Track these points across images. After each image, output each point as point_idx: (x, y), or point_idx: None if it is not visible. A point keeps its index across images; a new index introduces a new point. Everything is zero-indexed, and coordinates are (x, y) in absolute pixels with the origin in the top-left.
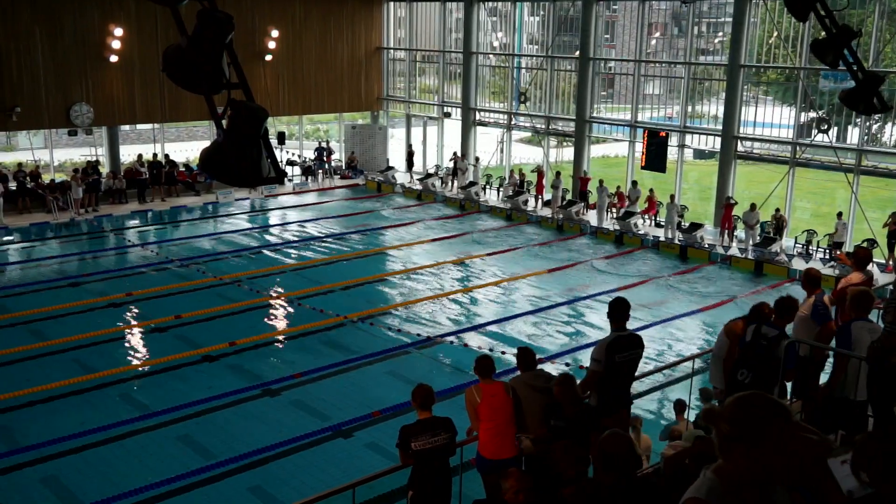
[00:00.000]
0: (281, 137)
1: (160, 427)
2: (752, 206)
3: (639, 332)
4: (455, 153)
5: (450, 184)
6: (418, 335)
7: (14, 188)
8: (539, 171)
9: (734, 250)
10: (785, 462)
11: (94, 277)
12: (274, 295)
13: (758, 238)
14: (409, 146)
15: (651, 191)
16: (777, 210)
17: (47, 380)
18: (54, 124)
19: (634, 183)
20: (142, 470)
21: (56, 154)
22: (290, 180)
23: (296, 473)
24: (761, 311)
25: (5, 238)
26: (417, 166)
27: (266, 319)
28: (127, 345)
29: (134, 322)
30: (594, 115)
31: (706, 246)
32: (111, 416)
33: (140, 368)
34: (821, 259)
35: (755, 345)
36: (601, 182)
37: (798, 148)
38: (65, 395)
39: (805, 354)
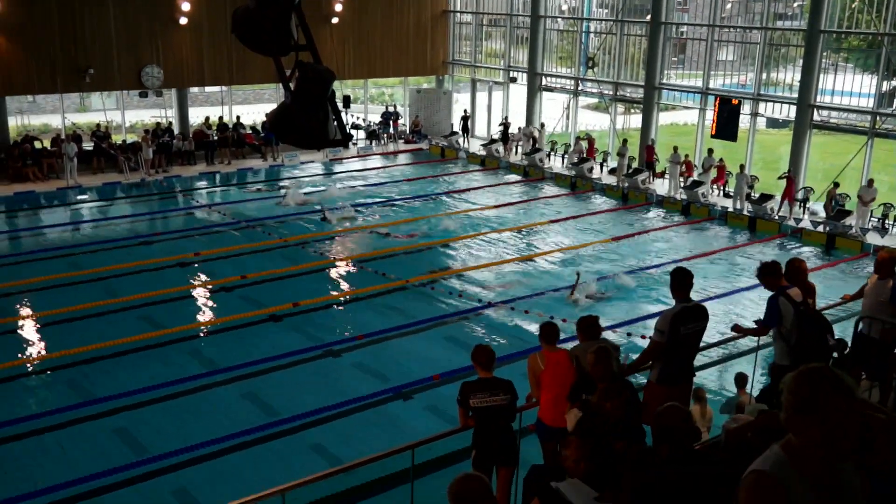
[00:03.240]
0: (346, 101)
1: (226, 383)
2: (870, 182)
3: (704, 304)
4: (505, 118)
5: (503, 149)
6: (479, 301)
7: (89, 149)
8: (589, 139)
9: (806, 223)
10: (849, 437)
11: (164, 237)
12: (338, 257)
13: (871, 216)
14: (465, 111)
15: (721, 160)
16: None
17: (119, 335)
18: (125, 86)
19: (710, 151)
20: (208, 424)
21: (127, 115)
22: (354, 144)
23: (356, 433)
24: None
25: (79, 197)
26: (481, 132)
27: (329, 281)
28: (195, 303)
29: (201, 281)
30: (664, 81)
31: (776, 218)
32: (179, 371)
33: (207, 326)
34: None
35: (803, 314)
36: (675, 149)
37: (878, 118)
38: (135, 350)
39: (874, 336)
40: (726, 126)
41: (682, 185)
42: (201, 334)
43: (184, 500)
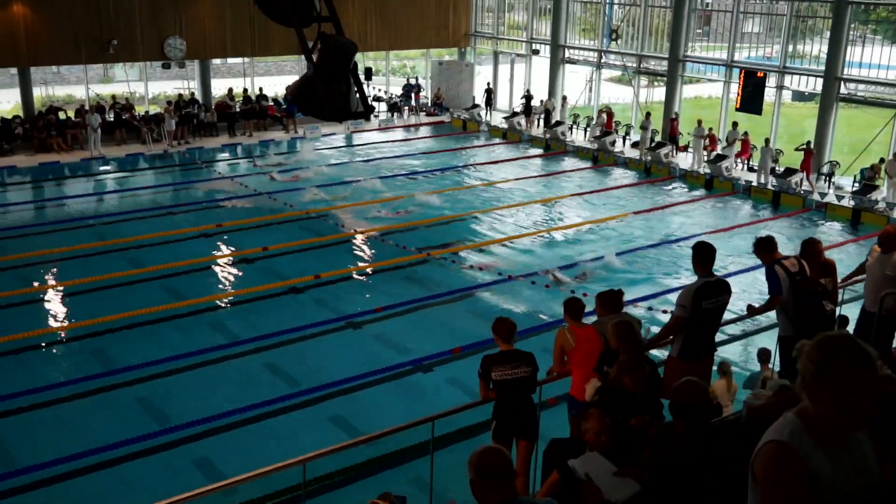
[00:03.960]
0: (368, 73)
1: (247, 354)
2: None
3: (726, 279)
4: (527, 91)
5: (524, 123)
6: (499, 274)
7: (111, 119)
8: (608, 111)
9: (831, 197)
10: (866, 407)
11: (186, 208)
12: (358, 230)
13: None
14: (488, 84)
15: (745, 134)
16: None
17: (142, 305)
18: (148, 57)
19: (735, 124)
20: (230, 394)
21: (150, 87)
22: (376, 116)
23: (376, 404)
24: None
25: (102, 168)
26: (503, 104)
27: (350, 254)
28: (217, 274)
29: (223, 252)
30: (688, 53)
31: (801, 192)
32: (201, 341)
33: (229, 297)
34: None
35: (798, 283)
36: (699, 122)
37: None
38: (158, 320)
39: (877, 311)
40: (751, 99)
41: (705, 158)
42: (223, 305)
43: (205, 470)
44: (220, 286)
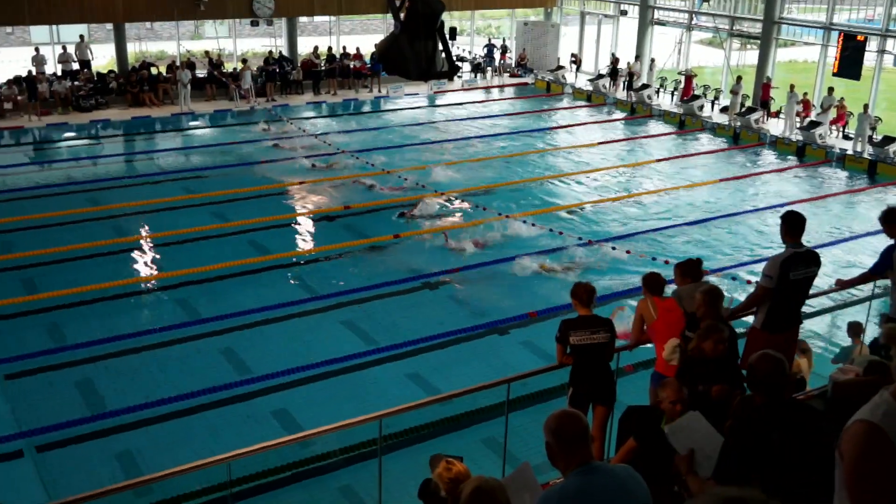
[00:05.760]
0: (452, 33)
1: (327, 310)
2: None
3: (816, 250)
4: (613, 55)
5: (609, 85)
6: (580, 238)
7: (203, 76)
8: (687, 76)
9: None
10: None
11: (270, 165)
12: (438, 191)
13: None
14: (573, 55)
15: (841, 100)
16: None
17: (226, 258)
18: (237, 14)
19: (831, 90)
20: (309, 348)
21: (239, 44)
22: (459, 77)
23: (452, 364)
24: None
25: (192, 123)
26: (589, 66)
27: (428, 214)
28: (299, 230)
29: (305, 209)
30: (784, 15)
31: None
32: (282, 296)
33: (310, 254)
34: None
35: None
36: (792, 87)
37: None
38: (241, 273)
39: None
40: (850, 64)
41: (798, 125)
42: (305, 261)
43: (283, 421)
44: (303, 242)
